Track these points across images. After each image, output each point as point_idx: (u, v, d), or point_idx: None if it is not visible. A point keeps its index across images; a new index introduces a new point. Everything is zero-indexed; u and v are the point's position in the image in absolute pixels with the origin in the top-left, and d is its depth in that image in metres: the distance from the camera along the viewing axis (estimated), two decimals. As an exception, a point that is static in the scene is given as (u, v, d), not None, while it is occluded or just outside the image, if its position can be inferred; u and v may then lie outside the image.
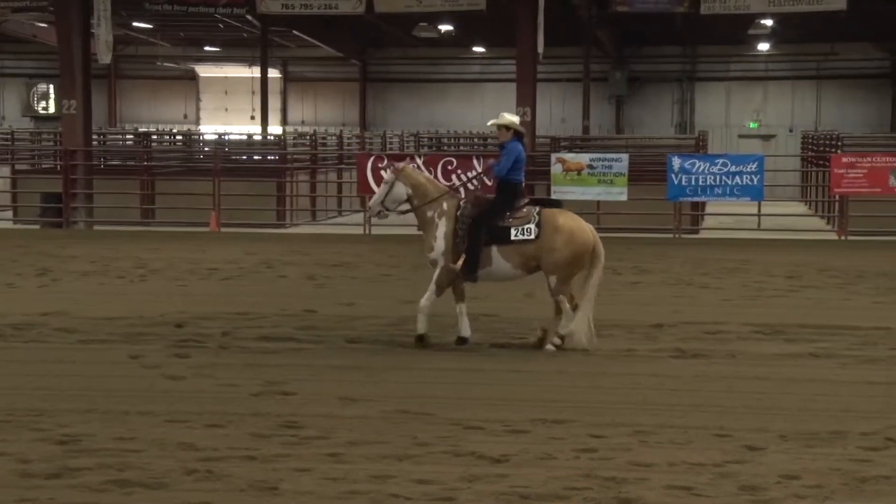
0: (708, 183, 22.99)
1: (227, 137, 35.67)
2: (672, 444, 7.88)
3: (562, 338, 11.29)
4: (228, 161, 27.44)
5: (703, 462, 7.43)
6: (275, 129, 41.30)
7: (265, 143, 33.09)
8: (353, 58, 43.82)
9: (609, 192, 23.49)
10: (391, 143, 35.22)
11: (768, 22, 32.94)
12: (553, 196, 23.71)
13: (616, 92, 41.20)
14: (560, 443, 7.91)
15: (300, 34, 38.50)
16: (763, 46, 39.38)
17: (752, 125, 41.66)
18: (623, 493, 6.83)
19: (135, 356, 10.94)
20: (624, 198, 23.43)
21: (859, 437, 8.01)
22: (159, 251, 20.06)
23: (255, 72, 40.17)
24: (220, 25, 36.71)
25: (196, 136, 37.99)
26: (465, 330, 11.57)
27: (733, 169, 22.94)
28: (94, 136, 30.23)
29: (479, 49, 42.07)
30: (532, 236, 11.27)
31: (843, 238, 23.12)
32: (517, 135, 11.64)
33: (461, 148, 33.56)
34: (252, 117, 44.31)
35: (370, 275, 17.40)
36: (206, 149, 32.05)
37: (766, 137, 41.18)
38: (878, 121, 40.28)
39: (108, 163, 29.59)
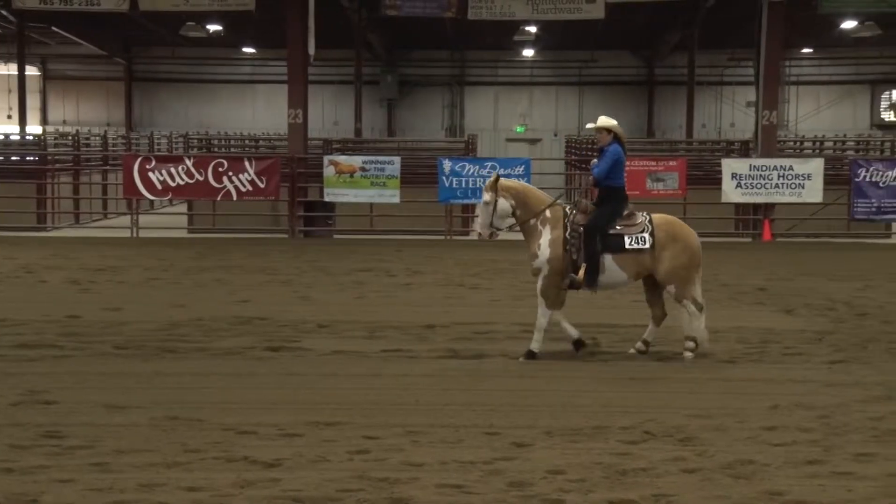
0: (478, 185, 23.46)
1: (-19, 137, 33.93)
2: (443, 444, 8.00)
3: (693, 339, 11.14)
4: (-17, 161, 26.12)
5: (473, 460, 7.57)
6: (34, 128, 39.60)
7: (23, 144, 31.63)
8: (118, 56, 42.54)
9: (382, 194, 23.66)
10: (159, 143, 34.38)
11: (532, 29, 33.96)
12: (327, 199, 23.84)
13: (387, 95, 41.53)
14: (333, 445, 7.91)
15: (60, 31, 37.07)
16: (528, 52, 40.55)
17: (519, 129, 42.78)
18: (395, 493, 6.89)
19: None
20: (396, 200, 23.66)
21: (620, 432, 8.35)
22: None
23: (12, 69, 38.37)
24: (-27, 20, 34.91)
25: (-53, 136, 35.98)
26: (573, 332, 11.35)
27: (502, 171, 23.45)
28: None
29: (249, 50, 41.59)
30: (647, 245, 11.05)
31: (604, 239, 23.95)
32: (617, 138, 11.43)
33: (232, 150, 33.06)
34: (9, 116, 42.34)
35: (138, 279, 16.93)
36: (-41, 149, 30.40)
37: (533, 141, 42.39)
38: (637, 126, 42.07)
39: None
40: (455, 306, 14.45)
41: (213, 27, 34.62)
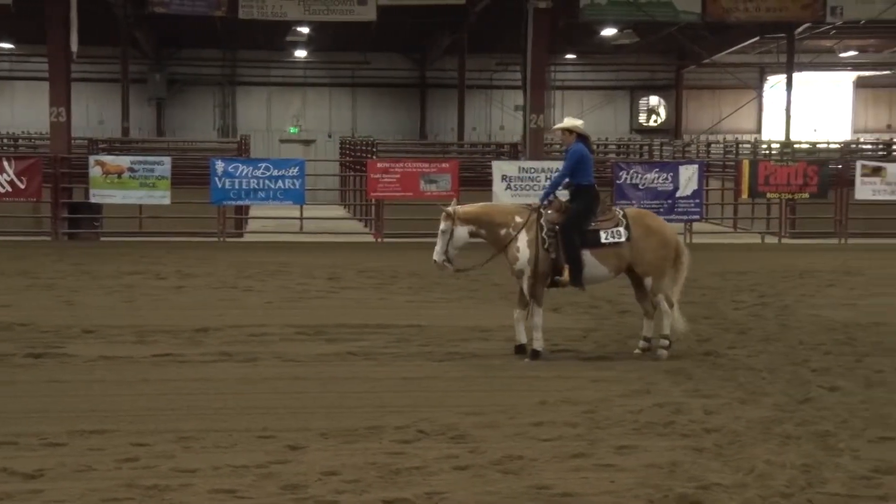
0: (251, 186, 23.22)
1: None
2: (217, 448, 7.88)
3: (667, 338, 11.32)
4: None
5: (247, 464, 7.49)
6: None
7: None
8: None
9: (152, 195, 23.07)
10: None
11: (305, 29, 33.86)
12: (93, 200, 23.06)
13: (156, 94, 40.50)
14: (100, 454, 7.66)
15: None
16: (301, 53, 40.39)
17: (292, 130, 42.56)
18: (166, 500, 6.75)
19: None
20: (167, 201, 23.12)
21: (394, 431, 8.41)
22: None
23: None
24: None
25: None
26: (523, 337, 11.36)
27: (276, 173, 23.32)
28: None
29: (6, 45, 39.78)
30: (623, 238, 11.17)
31: (379, 240, 24.18)
32: (581, 138, 11.38)
33: (-10, 149, 31.64)
34: None
35: None
36: None
37: (307, 142, 42.26)
38: (410, 128, 42.59)
39: None
40: (228, 309, 14.26)
41: (-33, 20, 33.00)
